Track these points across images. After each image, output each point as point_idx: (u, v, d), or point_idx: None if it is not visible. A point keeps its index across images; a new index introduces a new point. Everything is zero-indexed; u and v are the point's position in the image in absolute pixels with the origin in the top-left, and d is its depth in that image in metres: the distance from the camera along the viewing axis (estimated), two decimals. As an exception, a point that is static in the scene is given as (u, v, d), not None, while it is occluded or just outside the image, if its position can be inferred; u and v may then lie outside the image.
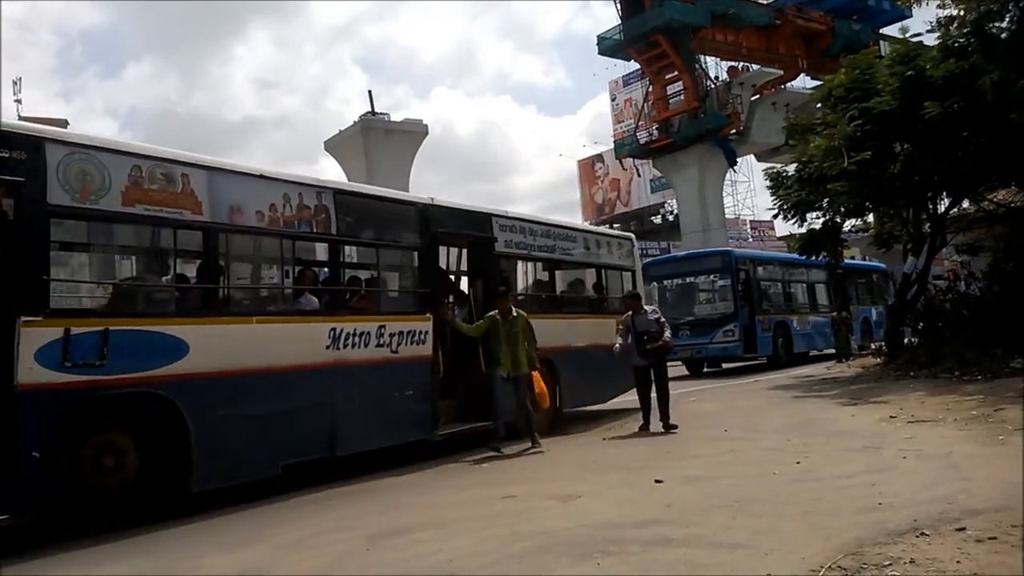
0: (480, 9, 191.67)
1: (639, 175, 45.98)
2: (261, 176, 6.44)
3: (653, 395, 8.48)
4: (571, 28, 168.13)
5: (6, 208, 4.92)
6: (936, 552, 3.41)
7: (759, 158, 41.29)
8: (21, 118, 28.89)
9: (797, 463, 5.82)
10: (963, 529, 3.69)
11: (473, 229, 8.64)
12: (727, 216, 42.71)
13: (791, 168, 14.98)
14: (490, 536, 4.28)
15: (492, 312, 7.73)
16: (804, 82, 39.90)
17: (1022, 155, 11.19)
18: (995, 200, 14.14)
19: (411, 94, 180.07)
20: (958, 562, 3.27)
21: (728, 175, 40.97)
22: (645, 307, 8.81)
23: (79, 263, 6.49)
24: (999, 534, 3.57)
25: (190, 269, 6.26)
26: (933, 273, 16.13)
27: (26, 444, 4.73)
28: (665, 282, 17.42)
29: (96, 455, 5.15)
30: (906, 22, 20.03)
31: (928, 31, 12.23)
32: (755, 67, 38.87)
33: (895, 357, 13.02)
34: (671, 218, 48.80)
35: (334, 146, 40.60)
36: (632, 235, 12.35)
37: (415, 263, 7.88)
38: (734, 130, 37.28)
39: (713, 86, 37.56)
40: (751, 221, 51.48)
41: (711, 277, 17.09)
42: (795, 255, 16.00)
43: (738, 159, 40.09)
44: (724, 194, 41.93)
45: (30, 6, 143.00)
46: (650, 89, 39.50)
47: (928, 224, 13.68)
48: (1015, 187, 13.99)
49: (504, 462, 7.13)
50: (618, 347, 8.56)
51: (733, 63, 39.81)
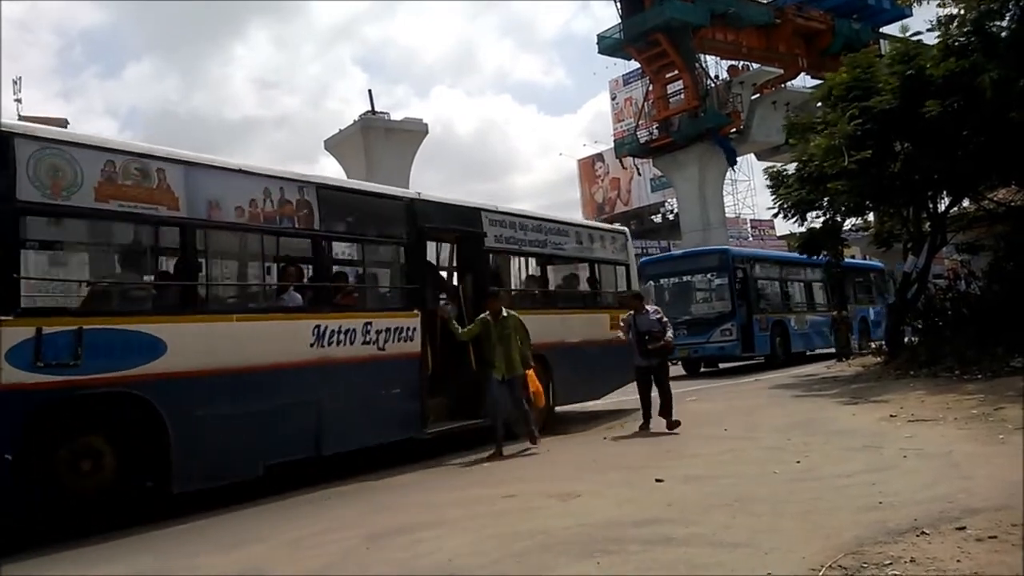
0: (480, 9, 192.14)
1: (639, 174, 46.01)
2: (240, 171, 6.29)
3: (654, 394, 8.48)
4: (571, 27, 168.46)
5: None
6: (936, 551, 3.41)
7: (759, 157, 41.33)
8: (21, 118, 28.83)
9: (797, 462, 5.82)
10: (963, 528, 3.69)
11: (461, 224, 8.51)
12: (727, 215, 42.75)
13: (791, 167, 14.99)
14: (490, 535, 4.28)
15: (483, 314, 7.63)
16: (804, 81, 40.01)
17: (1022, 154, 11.20)
18: (995, 199, 14.16)
19: (411, 93, 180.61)
20: (958, 561, 3.27)
21: (728, 174, 41.02)
22: (647, 306, 8.75)
23: (52, 261, 6.31)
24: (999, 533, 3.57)
25: (168, 266, 6.13)
26: (933, 272, 16.13)
27: None
28: (662, 281, 17.23)
29: (71, 456, 5.05)
30: (906, 21, 20.07)
31: (928, 30, 12.29)
32: (755, 66, 38.89)
33: (895, 356, 13.02)
34: (671, 217, 48.81)
35: (334, 145, 40.57)
36: (625, 229, 12.15)
37: (402, 259, 7.75)
38: (734, 129, 37.32)
39: (713, 85, 37.60)
40: (751, 220, 51.53)
41: (708, 276, 16.91)
42: (792, 253, 15.95)
43: (738, 158, 40.15)
44: (724, 193, 41.97)
45: (30, 6, 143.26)
46: (650, 88, 39.54)
47: (928, 223, 13.69)
48: (1015, 186, 14.01)
49: (504, 461, 7.13)
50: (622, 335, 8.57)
51: (733, 62, 39.85)
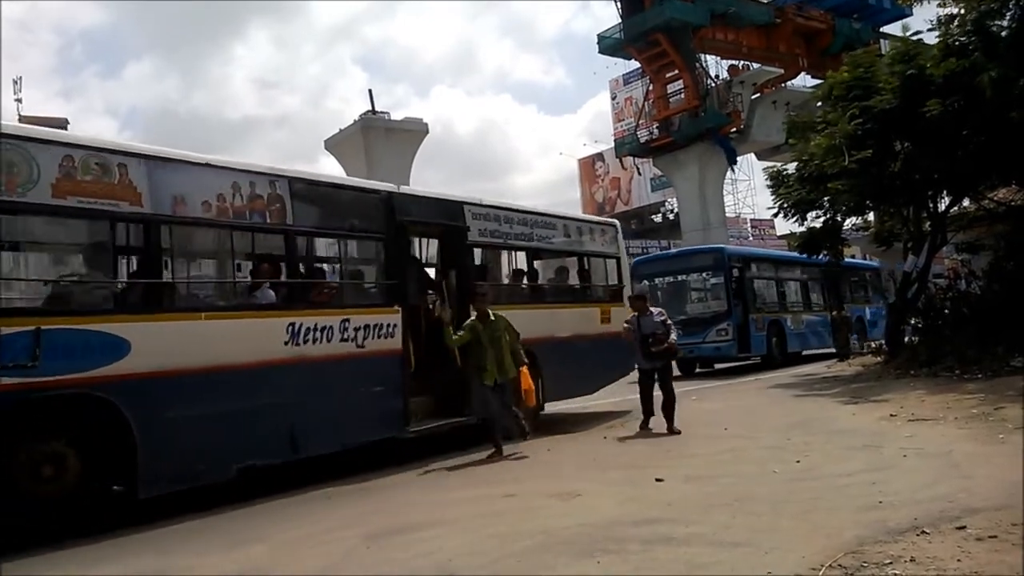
0: (480, 8, 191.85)
1: (639, 174, 46.03)
2: (207, 165, 6.13)
3: (656, 394, 8.46)
4: (571, 27, 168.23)
5: None
6: (936, 550, 3.42)
7: (759, 157, 41.34)
8: (21, 117, 28.77)
9: (797, 462, 5.83)
10: (963, 528, 3.70)
11: (443, 218, 8.32)
12: (727, 215, 42.78)
13: (791, 167, 14.99)
14: (491, 535, 4.29)
15: (471, 320, 7.49)
16: (804, 81, 40.06)
17: (1022, 154, 11.21)
18: (995, 199, 14.16)
19: (411, 93, 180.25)
20: (958, 560, 3.28)
21: (728, 174, 41.03)
22: (651, 308, 8.62)
23: (7, 260, 6.01)
24: (999, 532, 3.58)
25: (132, 264, 5.98)
26: (933, 271, 16.11)
27: None
28: (656, 280, 16.90)
29: (31, 461, 4.93)
30: (906, 20, 20.09)
31: (929, 30, 12.30)
32: (755, 66, 38.92)
33: (895, 356, 13.02)
34: (672, 217, 48.78)
35: (334, 145, 40.57)
36: (615, 221, 11.92)
37: (381, 254, 7.58)
38: (734, 129, 37.35)
39: (713, 85, 37.62)
40: (751, 220, 51.49)
41: (704, 275, 16.67)
42: (788, 252, 15.82)
43: (738, 158, 40.18)
44: (724, 192, 42.02)
45: (30, 6, 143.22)
46: (650, 88, 39.56)
47: (928, 222, 13.69)
48: (1015, 185, 14.01)
49: (504, 461, 7.12)
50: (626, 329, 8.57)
51: (733, 62, 39.87)
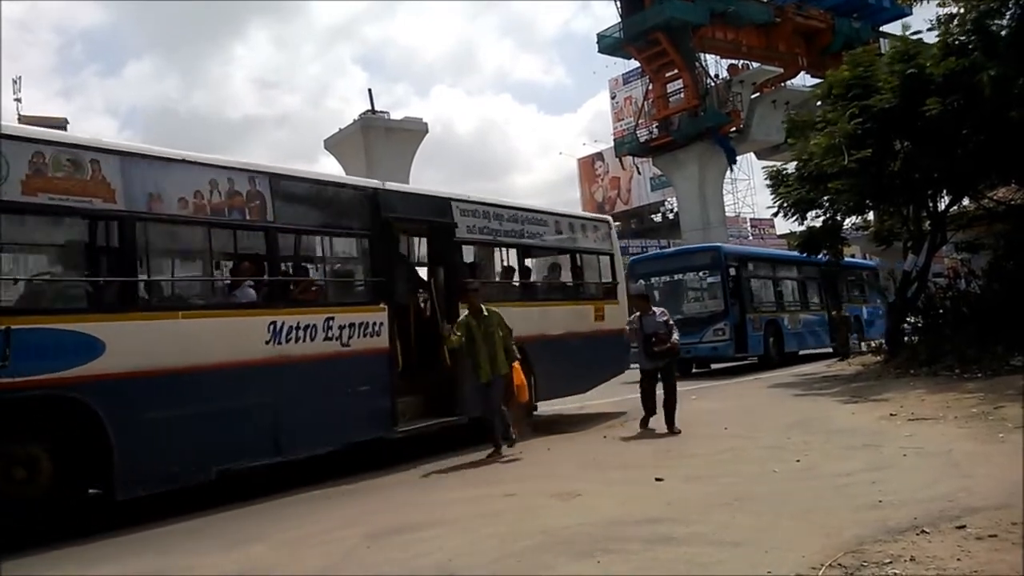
0: (480, 8, 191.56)
1: (639, 173, 46.09)
2: (183, 161, 6.03)
3: (659, 393, 8.44)
4: (571, 27, 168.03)
5: None
6: (936, 550, 3.42)
7: (759, 156, 41.36)
8: (20, 117, 28.72)
9: (797, 461, 5.83)
10: (963, 527, 3.70)
11: (431, 215, 8.23)
12: (727, 214, 42.81)
13: (791, 166, 14.99)
14: (491, 534, 4.29)
15: (463, 316, 7.39)
16: (804, 80, 40.10)
17: (1022, 153, 11.21)
18: (995, 198, 14.16)
19: (411, 92, 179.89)
20: (958, 560, 3.28)
21: (728, 173, 41.05)
22: (654, 308, 8.58)
23: None
24: (999, 532, 3.58)
25: (106, 262, 5.83)
26: (933, 271, 16.12)
27: None
28: (652, 279, 16.64)
29: (1, 462, 4.85)
30: (906, 20, 20.07)
31: (928, 29, 12.29)
32: (755, 65, 38.93)
33: (895, 355, 13.02)
34: (671, 216, 48.82)
35: (334, 144, 40.60)
36: (608, 217, 11.82)
37: (366, 251, 7.48)
38: (734, 128, 37.37)
39: (713, 84, 37.63)
40: (751, 219, 51.52)
41: (700, 274, 16.52)
42: (785, 251, 15.75)
43: (738, 157, 40.20)
44: (724, 192, 42.05)
45: (30, 6, 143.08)
46: (650, 87, 39.58)
47: (928, 222, 13.69)
48: (1015, 185, 14.00)
49: (504, 460, 7.12)
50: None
51: (733, 61, 39.90)
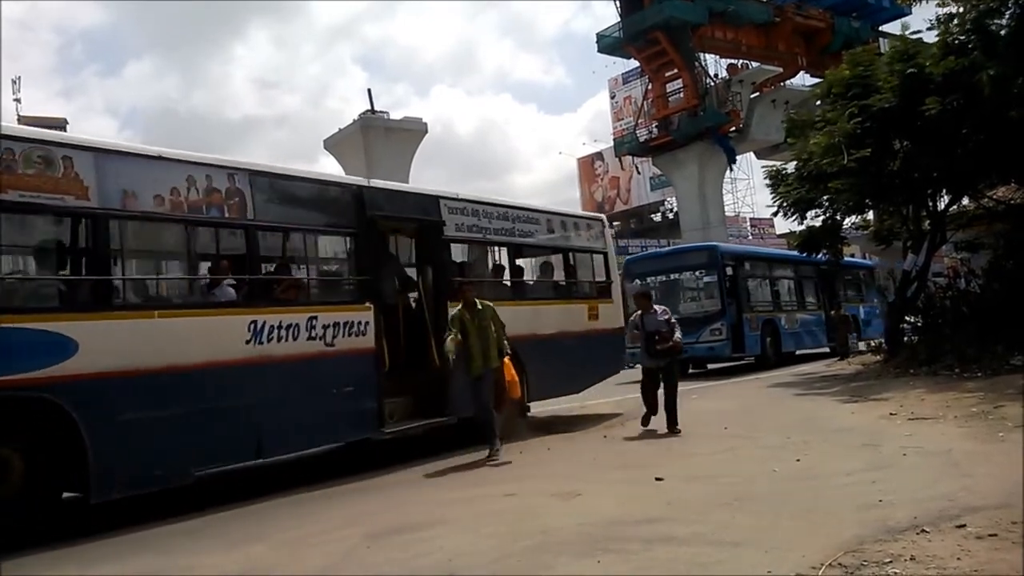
0: (480, 8, 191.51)
1: (639, 173, 46.07)
2: (159, 158, 5.92)
3: (660, 392, 8.43)
4: (571, 27, 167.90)
5: None
6: (936, 549, 3.41)
7: (759, 155, 41.37)
8: (20, 117, 28.66)
9: (797, 461, 5.83)
10: (963, 526, 3.70)
11: (418, 213, 8.12)
12: (727, 213, 42.82)
13: (791, 166, 15.00)
14: (491, 534, 4.29)
15: (457, 310, 7.20)
16: (804, 80, 40.10)
17: (1021, 152, 11.21)
18: (994, 197, 14.17)
19: (411, 92, 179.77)
20: (958, 559, 3.28)
21: (728, 172, 41.05)
22: (655, 307, 8.55)
23: None
24: (999, 531, 3.57)
25: (79, 261, 5.76)
26: (933, 270, 16.13)
27: None
28: (648, 279, 16.51)
29: None
30: (906, 19, 20.11)
31: (928, 28, 12.30)
32: (754, 65, 38.94)
33: (895, 354, 13.03)
34: (671, 216, 48.86)
35: (334, 144, 40.63)
36: (602, 215, 11.76)
37: (351, 250, 7.38)
38: (734, 128, 37.39)
39: (712, 84, 37.64)
40: (751, 218, 51.54)
41: (697, 273, 16.46)
42: (782, 250, 15.73)
43: (738, 157, 40.20)
44: (724, 191, 42.06)
45: (30, 6, 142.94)
46: (650, 87, 39.59)
47: (928, 221, 13.70)
48: (1014, 184, 14.01)
49: (503, 461, 7.11)
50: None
51: (732, 61, 39.91)
